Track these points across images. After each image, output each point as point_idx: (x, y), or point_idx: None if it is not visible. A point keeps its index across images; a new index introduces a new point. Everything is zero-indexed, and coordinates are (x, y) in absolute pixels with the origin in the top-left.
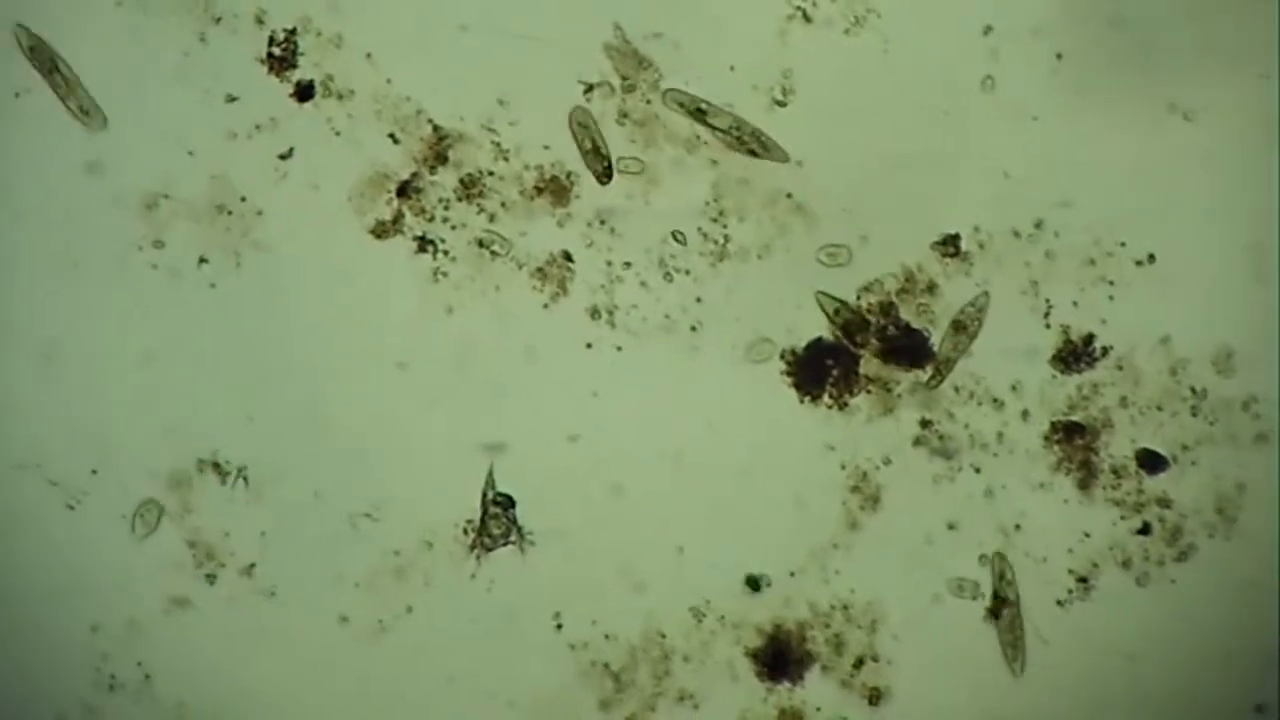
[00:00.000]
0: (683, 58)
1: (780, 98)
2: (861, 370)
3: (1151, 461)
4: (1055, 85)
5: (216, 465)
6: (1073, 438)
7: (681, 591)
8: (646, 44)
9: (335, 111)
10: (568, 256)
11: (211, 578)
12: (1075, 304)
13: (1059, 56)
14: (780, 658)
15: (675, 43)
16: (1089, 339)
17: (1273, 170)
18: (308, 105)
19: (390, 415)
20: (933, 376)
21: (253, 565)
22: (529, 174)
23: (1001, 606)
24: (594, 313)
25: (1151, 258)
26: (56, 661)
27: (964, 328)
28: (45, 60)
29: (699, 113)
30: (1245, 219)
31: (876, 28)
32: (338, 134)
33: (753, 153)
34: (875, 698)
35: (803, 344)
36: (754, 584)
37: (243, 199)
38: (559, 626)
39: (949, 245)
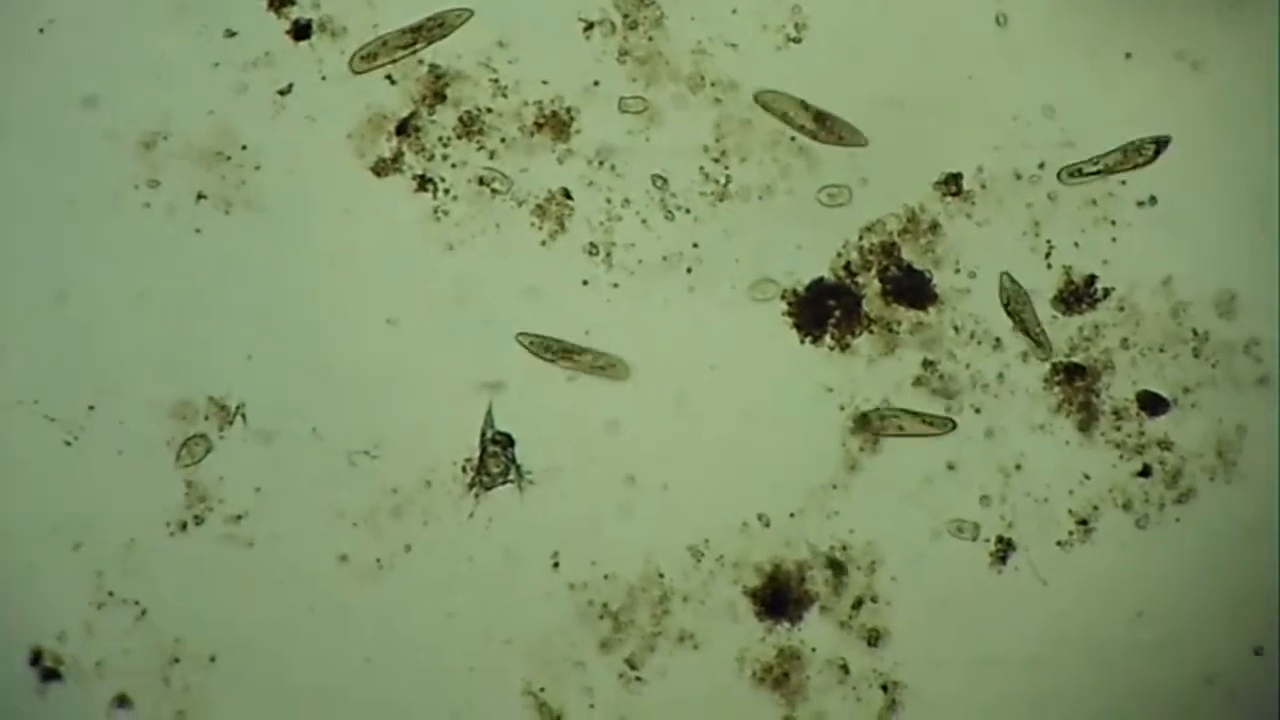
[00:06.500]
0: None
1: (794, 34)
2: (864, 310)
3: (1152, 403)
4: (1064, 29)
5: (215, 402)
6: (1073, 379)
7: (680, 531)
8: None
9: (331, 50)
10: (567, 194)
11: (209, 514)
12: (1077, 245)
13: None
14: (779, 598)
15: None
16: (1090, 280)
17: (1274, 116)
18: (303, 43)
19: (389, 353)
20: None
21: (251, 502)
22: (528, 110)
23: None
24: (592, 250)
25: (1153, 199)
26: (52, 593)
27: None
28: None
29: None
30: (1248, 162)
31: None
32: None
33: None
34: (874, 638)
35: (804, 284)
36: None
37: (241, 139)
38: (557, 566)
39: (951, 185)
